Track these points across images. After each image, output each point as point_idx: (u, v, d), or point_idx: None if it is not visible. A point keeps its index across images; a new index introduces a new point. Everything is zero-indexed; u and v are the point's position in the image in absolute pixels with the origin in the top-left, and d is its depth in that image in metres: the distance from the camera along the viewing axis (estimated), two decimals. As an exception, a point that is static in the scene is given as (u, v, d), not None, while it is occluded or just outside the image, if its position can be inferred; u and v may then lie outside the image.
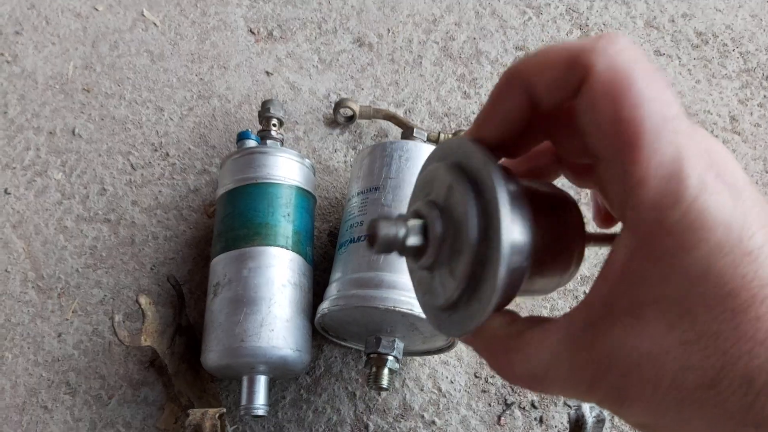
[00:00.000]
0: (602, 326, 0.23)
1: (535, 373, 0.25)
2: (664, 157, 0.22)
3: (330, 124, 0.75)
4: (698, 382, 0.22)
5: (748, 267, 0.21)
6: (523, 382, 0.26)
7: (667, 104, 0.23)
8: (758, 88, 0.78)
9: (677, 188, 0.22)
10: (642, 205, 0.22)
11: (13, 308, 0.64)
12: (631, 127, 0.22)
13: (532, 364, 0.25)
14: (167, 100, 0.76)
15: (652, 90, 0.23)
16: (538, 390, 0.26)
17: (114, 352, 0.63)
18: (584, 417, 0.57)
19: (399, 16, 0.82)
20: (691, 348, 0.22)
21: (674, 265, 0.22)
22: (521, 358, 0.25)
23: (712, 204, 0.22)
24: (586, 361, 0.23)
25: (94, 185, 0.71)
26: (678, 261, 0.22)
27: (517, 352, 0.25)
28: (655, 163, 0.22)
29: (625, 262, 0.23)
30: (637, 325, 0.22)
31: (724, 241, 0.21)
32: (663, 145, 0.22)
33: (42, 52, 0.79)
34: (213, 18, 0.82)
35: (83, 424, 0.60)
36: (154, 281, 0.66)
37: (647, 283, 0.22)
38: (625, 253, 0.23)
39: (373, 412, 0.60)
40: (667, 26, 0.83)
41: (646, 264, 0.22)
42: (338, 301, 0.54)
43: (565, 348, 0.24)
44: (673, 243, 0.22)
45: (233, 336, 0.55)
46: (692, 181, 0.22)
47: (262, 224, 0.59)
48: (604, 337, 0.23)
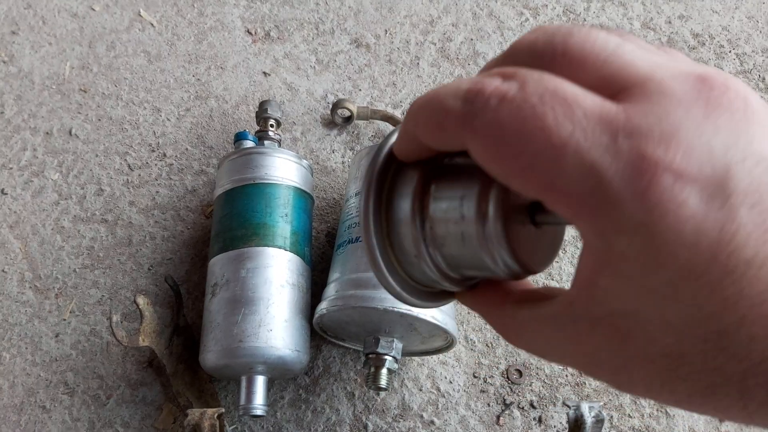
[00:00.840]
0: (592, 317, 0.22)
1: (536, 351, 0.25)
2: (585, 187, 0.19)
3: (327, 124, 0.75)
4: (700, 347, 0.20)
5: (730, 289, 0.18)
6: (531, 354, 0.26)
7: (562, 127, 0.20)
8: (755, 89, 0.79)
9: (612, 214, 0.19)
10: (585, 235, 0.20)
11: (11, 308, 0.64)
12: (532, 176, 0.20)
13: (534, 348, 0.25)
14: (164, 100, 0.76)
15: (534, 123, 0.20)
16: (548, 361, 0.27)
17: (112, 352, 0.63)
18: (583, 417, 0.57)
19: (396, 17, 0.83)
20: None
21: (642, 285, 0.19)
22: (523, 343, 0.25)
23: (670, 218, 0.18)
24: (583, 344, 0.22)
25: (91, 186, 0.71)
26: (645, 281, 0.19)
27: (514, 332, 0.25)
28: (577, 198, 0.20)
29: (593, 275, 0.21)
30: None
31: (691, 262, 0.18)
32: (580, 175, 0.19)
33: (39, 52, 0.79)
34: (210, 18, 0.82)
35: (81, 424, 0.60)
36: (151, 281, 0.66)
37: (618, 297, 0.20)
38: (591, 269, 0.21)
39: (371, 412, 0.60)
40: (663, 27, 0.83)
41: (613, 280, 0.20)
42: (336, 301, 0.55)
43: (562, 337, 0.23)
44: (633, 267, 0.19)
45: (231, 336, 0.55)
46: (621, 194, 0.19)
47: (259, 225, 0.59)
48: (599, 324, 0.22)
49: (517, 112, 0.20)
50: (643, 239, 0.19)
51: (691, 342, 0.20)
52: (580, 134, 0.19)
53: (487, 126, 0.21)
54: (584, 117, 0.19)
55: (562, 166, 0.19)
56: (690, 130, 0.19)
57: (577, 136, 0.19)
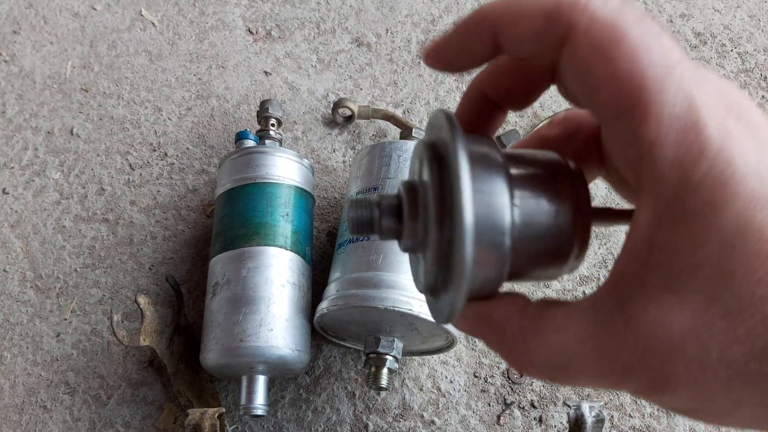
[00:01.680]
0: (635, 306, 0.21)
1: (557, 362, 0.22)
2: (677, 108, 0.20)
3: (328, 124, 0.75)
4: (748, 354, 0.19)
5: None
6: (544, 372, 0.23)
7: (667, 51, 0.21)
8: (756, 88, 0.78)
9: (697, 140, 0.19)
10: (661, 164, 0.20)
11: (12, 308, 0.64)
12: (633, 81, 0.20)
13: (554, 352, 0.22)
14: (165, 99, 0.76)
15: (647, 38, 0.20)
16: (560, 381, 0.23)
17: (113, 351, 0.63)
18: (584, 416, 0.57)
19: (397, 16, 0.82)
20: (736, 318, 0.19)
21: (708, 226, 0.19)
22: (541, 345, 0.22)
23: (738, 153, 0.19)
24: (619, 346, 0.21)
25: (92, 185, 0.71)
26: (711, 220, 0.19)
27: (535, 338, 0.23)
28: (667, 117, 0.20)
29: (652, 231, 0.20)
30: (675, 301, 0.20)
31: (759, 193, 0.19)
32: (672, 95, 0.20)
33: (40, 51, 0.79)
34: (211, 17, 0.82)
35: (82, 423, 0.60)
36: (152, 281, 0.66)
37: (680, 251, 0.20)
38: (649, 221, 0.20)
39: (372, 411, 0.60)
40: (665, 26, 0.83)
41: (676, 229, 0.20)
42: (337, 300, 0.54)
43: (593, 332, 0.21)
44: (703, 201, 0.19)
45: (232, 336, 0.55)
46: (712, 130, 0.19)
47: (260, 224, 0.59)
48: (639, 317, 0.20)
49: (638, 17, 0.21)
50: (724, 162, 0.19)
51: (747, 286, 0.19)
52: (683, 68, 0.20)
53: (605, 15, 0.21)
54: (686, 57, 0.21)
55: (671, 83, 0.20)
56: None
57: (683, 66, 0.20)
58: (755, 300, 0.19)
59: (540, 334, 0.23)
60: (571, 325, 0.22)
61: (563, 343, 0.22)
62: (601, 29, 0.21)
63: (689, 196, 0.19)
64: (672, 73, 0.20)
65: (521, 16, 0.22)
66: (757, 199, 0.19)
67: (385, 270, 0.54)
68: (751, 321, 0.19)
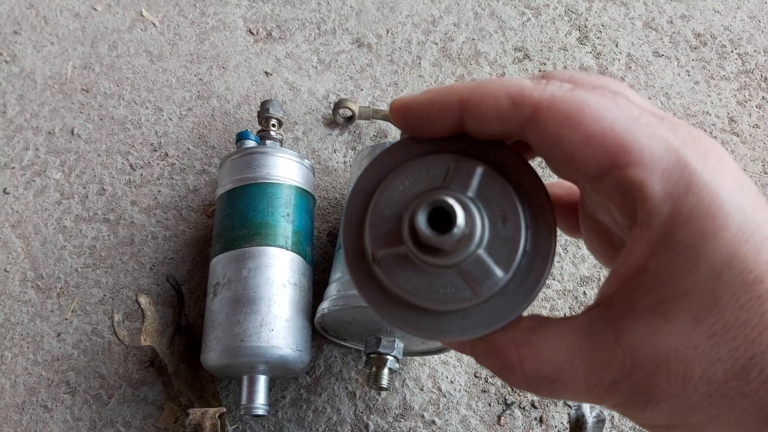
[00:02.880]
0: (625, 325, 0.22)
1: (546, 375, 0.23)
2: (656, 150, 0.22)
3: (329, 124, 0.75)
4: (729, 373, 0.21)
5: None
6: (532, 384, 0.24)
7: (625, 107, 0.23)
8: (756, 89, 0.78)
9: (683, 176, 0.21)
10: (652, 200, 0.21)
11: (13, 308, 0.64)
12: (606, 137, 0.22)
13: (544, 365, 0.23)
14: (166, 100, 0.76)
15: (604, 102, 0.22)
16: (547, 394, 0.24)
17: (113, 351, 0.63)
18: (584, 417, 0.57)
19: (398, 17, 0.83)
20: (720, 340, 0.21)
21: (697, 255, 0.21)
22: (533, 356, 0.24)
23: (722, 187, 0.21)
24: (607, 361, 0.22)
25: (93, 185, 0.71)
26: (701, 250, 0.21)
27: (527, 349, 0.24)
28: (649, 158, 0.21)
29: (645, 259, 0.22)
30: (663, 323, 0.21)
31: (744, 226, 0.21)
32: (647, 139, 0.22)
33: (41, 51, 0.79)
34: (212, 18, 0.82)
35: (83, 423, 0.60)
36: (153, 281, 0.66)
37: (671, 278, 0.21)
38: (643, 251, 0.22)
39: (373, 411, 0.60)
40: (665, 27, 0.83)
41: (668, 257, 0.21)
42: (338, 301, 0.55)
43: (584, 346, 0.23)
44: (693, 233, 0.21)
45: (233, 336, 0.55)
46: (695, 165, 0.21)
47: (261, 224, 0.59)
48: (629, 335, 0.22)
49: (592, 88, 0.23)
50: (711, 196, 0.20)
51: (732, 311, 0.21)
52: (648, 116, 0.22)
53: (563, 92, 0.23)
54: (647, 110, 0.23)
55: (639, 130, 0.22)
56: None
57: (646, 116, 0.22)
58: (738, 323, 0.21)
59: (533, 345, 0.24)
60: (563, 339, 0.23)
61: (555, 355, 0.23)
62: (563, 103, 0.22)
63: (680, 228, 0.21)
64: (638, 122, 0.22)
65: (487, 96, 0.24)
66: (743, 231, 0.21)
67: (385, 270, 0.54)
68: (733, 343, 0.21)
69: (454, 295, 0.26)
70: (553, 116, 0.23)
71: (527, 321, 0.25)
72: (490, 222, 0.25)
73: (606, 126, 0.22)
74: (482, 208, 0.25)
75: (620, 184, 0.22)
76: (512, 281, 0.25)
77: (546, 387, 0.24)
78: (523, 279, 0.25)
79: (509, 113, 0.23)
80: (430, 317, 0.26)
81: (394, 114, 0.26)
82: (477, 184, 0.26)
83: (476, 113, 0.24)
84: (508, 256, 0.25)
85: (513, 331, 0.25)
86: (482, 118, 0.24)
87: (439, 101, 0.25)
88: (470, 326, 0.25)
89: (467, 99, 0.24)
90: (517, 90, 0.23)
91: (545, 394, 0.24)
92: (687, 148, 0.22)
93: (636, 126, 0.22)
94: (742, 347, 0.21)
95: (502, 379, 0.25)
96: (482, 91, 0.24)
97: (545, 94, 0.23)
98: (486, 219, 0.25)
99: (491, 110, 0.24)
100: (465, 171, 0.26)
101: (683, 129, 0.22)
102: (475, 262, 0.25)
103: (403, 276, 0.26)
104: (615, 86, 0.24)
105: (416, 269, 0.26)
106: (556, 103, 0.23)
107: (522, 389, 0.25)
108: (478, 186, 0.26)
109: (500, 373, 0.25)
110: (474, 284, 0.25)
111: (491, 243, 0.25)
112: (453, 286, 0.26)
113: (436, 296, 0.26)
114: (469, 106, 0.24)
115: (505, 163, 0.26)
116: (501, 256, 0.25)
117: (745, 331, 0.21)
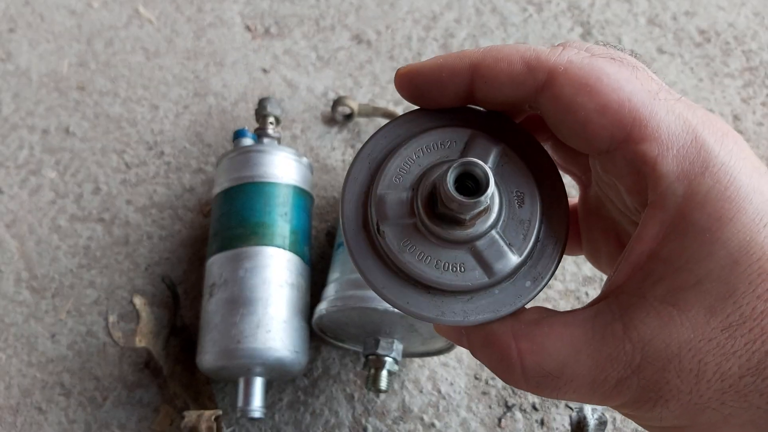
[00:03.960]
0: (635, 316, 0.21)
1: (548, 371, 0.22)
2: (672, 126, 0.20)
3: (328, 122, 0.74)
4: (744, 368, 0.20)
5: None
6: (531, 382, 0.23)
7: (645, 80, 0.22)
8: (761, 86, 0.77)
9: (699, 155, 0.20)
10: (666, 179, 0.20)
11: (7, 308, 0.64)
12: (623, 107, 0.21)
13: (546, 360, 0.22)
14: (162, 97, 0.75)
15: (623, 73, 0.21)
16: (548, 393, 0.23)
17: (108, 353, 0.62)
18: (586, 419, 0.56)
19: (398, 13, 0.82)
20: (736, 332, 0.20)
21: (713, 240, 0.20)
22: (534, 350, 0.22)
23: (740, 170, 0.20)
24: (615, 356, 0.21)
25: (88, 184, 0.70)
26: (717, 235, 0.20)
27: (529, 342, 0.22)
28: (665, 134, 0.20)
29: (657, 245, 0.21)
30: (675, 314, 0.20)
31: (762, 210, 0.20)
32: (665, 114, 0.21)
33: (36, 49, 0.78)
34: (209, 14, 0.81)
35: (78, 425, 0.59)
36: (148, 281, 0.65)
37: (684, 265, 0.20)
38: (655, 235, 0.21)
39: (371, 414, 0.59)
40: (669, 24, 0.82)
41: (682, 243, 0.20)
42: (336, 302, 0.54)
43: (590, 339, 0.21)
44: (708, 215, 0.20)
45: (229, 337, 0.54)
46: (713, 146, 0.20)
47: (258, 224, 0.58)
48: (639, 327, 0.21)
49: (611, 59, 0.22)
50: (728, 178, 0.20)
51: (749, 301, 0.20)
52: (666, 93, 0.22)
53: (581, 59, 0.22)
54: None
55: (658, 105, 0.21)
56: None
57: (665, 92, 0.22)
58: (755, 315, 0.19)
59: (535, 339, 0.22)
60: (568, 332, 0.22)
61: (558, 350, 0.22)
62: (581, 69, 0.21)
63: (696, 211, 0.20)
64: (657, 96, 0.21)
65: (500, 59, 0.23)
66: (761, 216, 0.20)
67: (384, 270, 0.54)
68: (750, 335, 0.19)
69: (463, 274, 0.24)
70: (569, 82, 0.22)
71: (530, 313, 0.24)
72: (507, 201, 0.25)
73: (624, 97, 0.21)
74: (500, 185, 0.25)
75: (633, 159, 0.21)
76: (523, 266, 0.24)
77: (547, 385, 0.22)
78: (533, 265, 0.24)
79: (523, 77, 0.22)
80: (432, 297, 0.25)
81: (401, 80, 0.25)
82: (495, 161, 0.25)
83: (488, 77, 0.23)
84: (523, 240, 0.24)
85: (514, 322, 0.23)
86: (494, 81, 0.23)
87: (448, 65, 0.24)
88: (475, 310, 0.24)
89: (479, 62, 0.23)
90: (532, 54, 0.22)
91: (546, 392, 0.23)
92: (705, 129, 0.20)
93: (655, 100, 0.21)
94: (759, 340, 0.19)
95: (500, 376, 0.23)
96: (495, 55, 0.23)
97: (562, 59, 0.22)
98: (504, 197, 0.25)
99: (504, 74, 0.23)
100: (483, 146, 0.25)
101: (700, 110, 0.21)
102: (489, 241, 0.24)
103: (410, 249, 0.25)
104: (634, 61, 0.23)
105: (425, 243, 0.25)
106: (574, 68, 0.22)
107: (521, 387, 0.23)
108: (496, 163, 0.25)
109: (498, 369, 0.23)
110: (485, 265, 0.24)
111: (506, 224, 0.24)
112: (463, 265, 0.24)
113: (443, 273, 0.24)
114: (480, 70, 0.23)
115: (522, 145, 0.25)
116: (515, 238, 0.24)
117: (763, 322, 0.19)
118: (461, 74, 0.24)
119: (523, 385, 0.23)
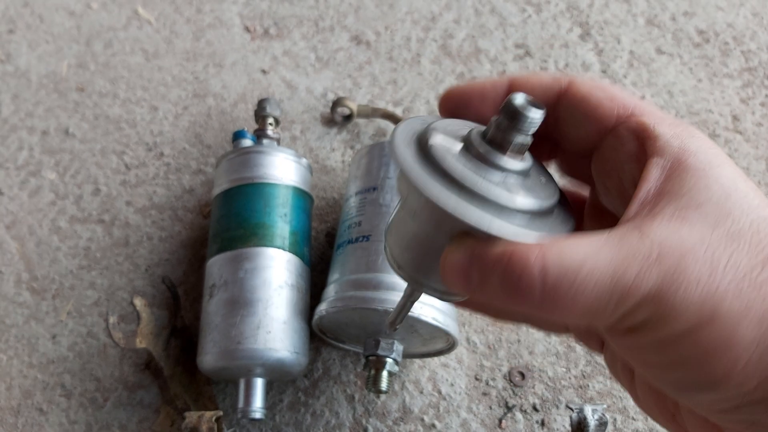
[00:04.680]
0: (651, 226, 0.24)
1: (569, 264, 0.22)
2: (664, 115, 0.27)
3: (327, 123, 0.74)
4: (754, 262, 0.23)
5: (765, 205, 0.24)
6: (550, 282, 0.22)
7: (630, 95, 0.28)
8: (760, 87, 0.78)
9: (687, 128, 0.26)
10: (663, 137, 0.26)
11: (7, 310, 0.64)
12: (627, 100, 0.28)
13: (567, 254, 0.22)
14: (162, 98, 0.75)
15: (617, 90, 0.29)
16: (563, 294, 0.22)
17: (109, 354, 0.62)
18: (586, 420, 0.56)
19: (397, 14, 0.82)
20: (739, 239, 0.23)
21: (707, 176, 0.24)
22: (555, 249, 0.22)
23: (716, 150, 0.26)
24: (634, 252, 0.23)
25: (87, 185, 0.70)
26: (710, 173, 0.24)
27: (551, 245, 0.23)
28: (659, 114, 0.27)
29: (661, 183, 0.25)
30: (685, 225, 0.24)
31: (740, 173, 0.25)
32: (655, 110, 0.27)
33: (36, 50, 0.78)
34: (208, 15, 0.81)
35: (79, 426, 0.59)
36: (148, 283, 0.65)
37: (687, 193, 0.24)
38: (659, 176, 0.25)
39: (372, 415, 0.59)
40: (668, 24, 0.82)
41: (681, 179, 0.25)
42: (336, 302, 0.54)
43: (609, 241, 0.23)
44: (702, 160, 0.25)
45: (229, 338, 0.54)
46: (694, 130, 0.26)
47: (258, 225, 0.58)
48: (655, 231, 0.23)
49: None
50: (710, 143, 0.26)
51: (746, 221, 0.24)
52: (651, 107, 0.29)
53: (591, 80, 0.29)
54: None
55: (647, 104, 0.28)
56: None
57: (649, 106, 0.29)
58: (753, 229, 0.23)
59: (557, 241, 0.23)
60: (587, 238, 0.24)
61: (580, 245, 0.23)
62: (592, 80, 0.29)
63: (690, 157, 0.25)
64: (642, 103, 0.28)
65: (533, 75, 0.30)
66: (739, 173, 0.25)
67: (384, 271, 0.54)
68: (751, 241, 0.23)
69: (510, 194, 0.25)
70: (586, 83, 0.28)
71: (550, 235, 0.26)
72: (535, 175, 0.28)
73: (626, 94, 0.28)
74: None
75: (635, 128, 0.27)
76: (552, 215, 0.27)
77: (564, 285, 0.22)
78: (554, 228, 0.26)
79: (550, 84, 0.29)
80: (472, 199, 0.24)
81: (450, 94, 0.30)
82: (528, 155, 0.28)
83: (522, 84, 0.29)
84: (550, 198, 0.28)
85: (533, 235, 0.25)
86: (526, 86, 0.29)
87: (491, 80, 0.30)
88: (515, 221, 0.24)
89: (516, 77, 0.30)
90: (557, 75, 0.30)
91: (561, 294, 0.22)
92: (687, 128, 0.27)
93: (642, 103, 0.28)
94: (761, 243, 0.23)
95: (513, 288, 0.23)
96: (530, 73, 0.32)
97: (578, 77, 0.29)
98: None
99: (536, 81, 0.29)
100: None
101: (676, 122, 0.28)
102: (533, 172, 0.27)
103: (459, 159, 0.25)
104: None
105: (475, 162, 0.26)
106: (587, 79, 0.29)
107: (533, 298, 0.23)
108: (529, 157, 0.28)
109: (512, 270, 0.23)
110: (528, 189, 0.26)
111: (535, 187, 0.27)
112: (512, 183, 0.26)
113: (491, 182, 0.25)
114: (517, 80, 0.30)
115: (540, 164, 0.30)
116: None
117: (760, 235, 0.23)
118: (501, 85, 0.30)
119: (538, 288, 0.22)
